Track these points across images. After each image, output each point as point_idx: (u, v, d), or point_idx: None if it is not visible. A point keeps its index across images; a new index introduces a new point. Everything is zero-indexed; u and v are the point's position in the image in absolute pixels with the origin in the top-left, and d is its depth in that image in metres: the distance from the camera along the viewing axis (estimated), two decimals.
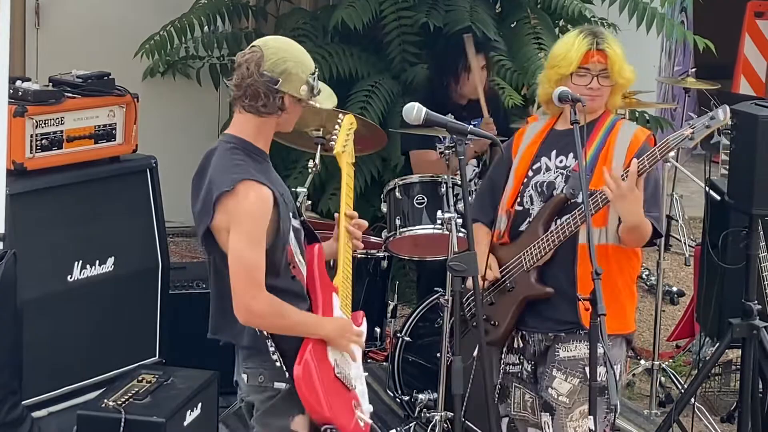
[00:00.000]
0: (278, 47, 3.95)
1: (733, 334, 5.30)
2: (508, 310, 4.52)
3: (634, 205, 4.25)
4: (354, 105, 6.99)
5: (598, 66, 4.44)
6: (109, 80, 5.67)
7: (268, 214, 3.86)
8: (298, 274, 4.02)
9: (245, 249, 3.82)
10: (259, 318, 3.88)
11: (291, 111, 3.97)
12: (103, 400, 5.14)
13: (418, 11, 7.17)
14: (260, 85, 3.88)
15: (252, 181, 3.84)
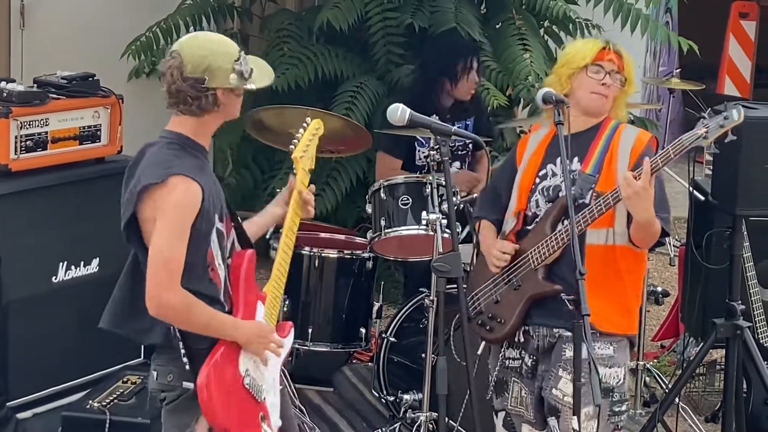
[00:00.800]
0: (196, 46, 3.92)
1: (717, 334, 5.32)
2: (515, 307, 4.53)
3: (647, 203, 4.27)
4: (339, 106, 6.99)
5: (611, 65, 4.51)
6: (93, 81, 5.67)
7: (193, 210, 3.80)
8: (215, 278, 3.94)
9: (166, 241, 3.77)
10: (171, 311, 3.80)
11: (228, 101, 3.93)
12: (87, 401, 5.16)
13: (403, 12, 7.17)
14: (188, 89, 3.85)
15: (183, 175, 3.80)
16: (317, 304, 5.82)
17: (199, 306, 3.83)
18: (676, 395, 5.53)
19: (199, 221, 3.83)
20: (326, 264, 5.81)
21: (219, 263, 3.95)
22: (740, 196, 5.19)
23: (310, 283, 5.82)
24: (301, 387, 6.00)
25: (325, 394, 6.30)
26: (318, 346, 5.81)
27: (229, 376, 3.90)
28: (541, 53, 7.27)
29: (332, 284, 5.84)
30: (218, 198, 3.97)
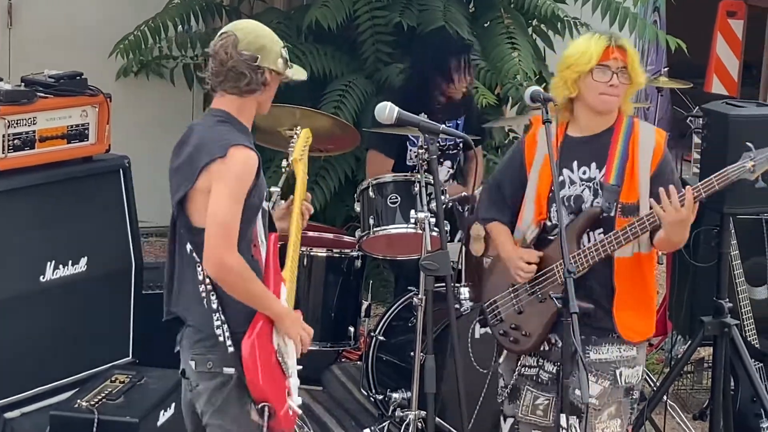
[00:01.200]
0: (249, 27, 4.09)
1: (705, 332, 5.34)
2: (540, 321, 4.44)
3: (685, 229, 4.26)
4: (328, 104, 6.99)
5: (617, 63, 4.34)
6: (81, 80, 5.65)
7: (251, 176, 3.92)
8: (257, 255, 4.06)
9: (225, 205, 3.87)
10: (230, 273, 3.89)
11: (273, 84, 4.09)
12: (76, 401, 5.14)
13: (391, 11, 7.18)
14: (241, 65, 3.99)
15: (242, 145, 3.92)
16: (306, 303, 5.81)
17: (250, 273, 3.94)
18: (664, 393, 5.54)
19: (253, 193, 3.95)
20: (315, 263, 5.81)
21: (262, 240, 4.09)
22: (727, 194, 5.18)
23: (298, 282, 5.78)
24: None
25: (314, 392, 6.30)
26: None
27: (267, 350, 4.01)
28: (530, 52, 7.27)
29: (321, 283, 5.84)
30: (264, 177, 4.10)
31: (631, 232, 4.27)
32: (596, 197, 4.38)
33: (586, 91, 4.38)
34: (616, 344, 4.39)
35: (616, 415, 4.39)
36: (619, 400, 4.41)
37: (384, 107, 4.25)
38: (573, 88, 4.39)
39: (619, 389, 4.41)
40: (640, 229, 4.27)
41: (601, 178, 4.38)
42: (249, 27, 4.09)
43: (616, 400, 4.41)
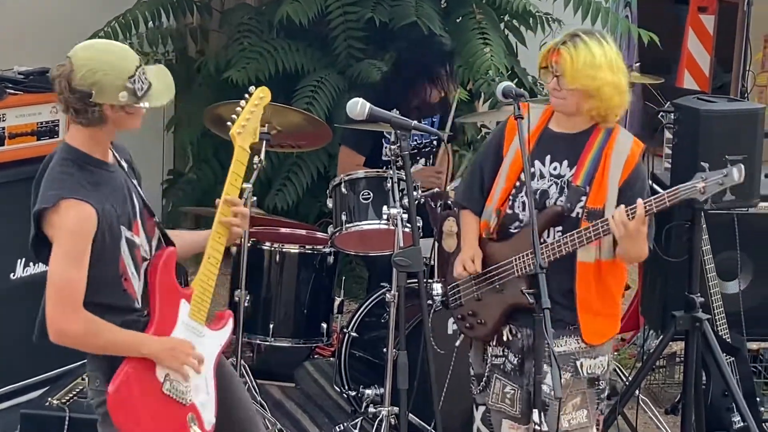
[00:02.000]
0: (88, 57, 3.79)
1: (677, 327, 5.35)
2: (496, 310, 4.50)
3: (637, 243, 4.28)
4: (300, 100, 6.98)
5: (556, 67, 4.35)
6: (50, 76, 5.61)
7: (89, 232, 3.73)
8: (129, 288, 3.88)
9: (61, 268, 3.71)
10: (72, 339, 3.77)
11: (119, 117, 3.81)
12: (47, 399, 5.12)
13: (363, 6, 7.16)
14: (75, 101, 3.75)
15: (73, 199, 3.71)
16: (278, 300, 5.81)
17: (103, 328, 3.77)
18: (637, 387, 5.55)
19: (100, 239, 3.76)
20: (287, 259, 5.80)
21: (132, 272, 3.89)
22: None
23: (271, 279, 5.81)
24: (263, 382, 5.99)
25: (287, 389, 6.30)
26: (279, 341, 5.80)
27: (144, 385, 3.84)
28: (502, 47, 7.27)
29: (293, 279, 5.83)
30: (125, 205, 3.89)
31: (586, 236, 4.30)
32: (561, 195, 4.40)
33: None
34: (574, 336, 4.40)
35: (581, 405, 4.39)
36: (582, 390, 4.43)
37: (355, 103, 4.25)
38: None
39: (581, 380, 4.43)
40: (594, 235, 4.29)
41: (570, 177, 4.40)
42: (90, 57, 3.78)
43: (579, 391, 4.42)
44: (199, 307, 4.01)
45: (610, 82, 4.32)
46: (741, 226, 5.98)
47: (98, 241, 3.75)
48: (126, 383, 3.80)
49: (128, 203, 3.91)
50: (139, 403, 3.82)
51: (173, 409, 3.91)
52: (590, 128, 4.43)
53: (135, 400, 3.81)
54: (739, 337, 5.95)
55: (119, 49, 3.88)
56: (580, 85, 4.31)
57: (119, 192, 3.89)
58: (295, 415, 6.10)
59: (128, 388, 3.81)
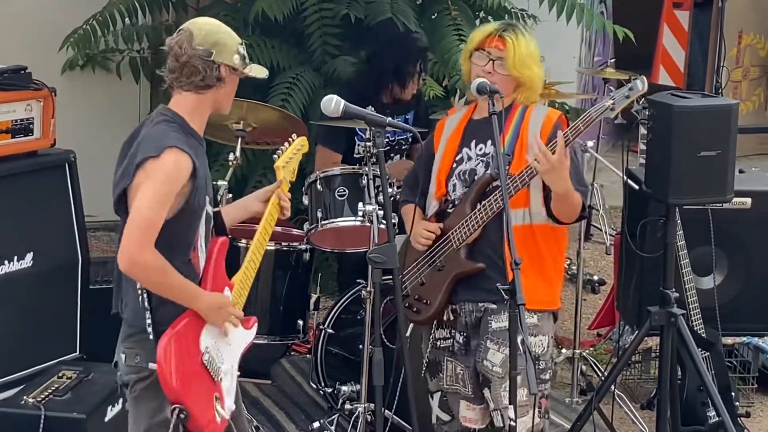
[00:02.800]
0: (204, 23, 4.09)
1: (652, 322, 5.36)
2: (440, 288, 4.65)
3: (564, 173, 4.42)
4: (275, 97, 6.97)
5: (496, 52, 4.61)
6: (25, 74, 5.60)
7: (181, 180, 3.91)
8: (195, 260, 4.05)
9: (147, 204, 3.87)
10: (140, 268, 3.89)
11: (228, 83, 4.09)
12: (22, 397, 5.11)
13: (338, 3, 7.16)
14: (196, 59, 4.00)
15: (177, 148, 3.90)
16: (254, 297, 5.77)
17: (169, 268, 3.92)
18: (612, 383, 5.56)
19: (192, 196, 3.95)
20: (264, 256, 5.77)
21: (201, 245, 4.07)
22: (673, 184, 5.22)
23: None
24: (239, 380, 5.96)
25: (264, 386, 6.30)
26: (255, 338, 5.75)
27: (188, 350, 3.98)
28: None
29: (269, 276, 5.82)
30: (210, 182, 4.11)
31: (512, 185, 4.45)
32: (488, 169, 4.60)
33: (471, 71, 4.67)
34: None
35: (522, 384, 4.39)
36: (523, 367, 4.43)
37: (330, 100, 4.25)
38: (465, 65, 4.72)
39: (522, 356, 4.42)
40: (521, 182, 4.47)
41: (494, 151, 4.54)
42: (206, 23, 4.09)
43: (520, 368, 4.42)
44: (238, 300, 4.23)
45: (538, 74, 4.69)
46: (716, 222, 6.00)
47: (190, 199, 3.94)
48: (174, 342, 3.93)
49: (210, 182, 4.13)
50: (182, 364, 3.95)
51: (205, 380, 4.04)
52: (507, 108, 4.65)
53: (179, 361, 3.93)
54: (714, 332, 5.97)
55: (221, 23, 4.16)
56: (517, 72, 4.62)
57: (206, 168, 4.10)
58: (272, 412, 6.10)
59: (175, 347, 3.93)
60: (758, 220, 6.22)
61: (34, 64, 5.75)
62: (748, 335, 6.50)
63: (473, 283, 4.61)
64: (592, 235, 8.82)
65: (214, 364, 4.07)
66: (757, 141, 11.57)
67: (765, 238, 6.26)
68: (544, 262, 4.64)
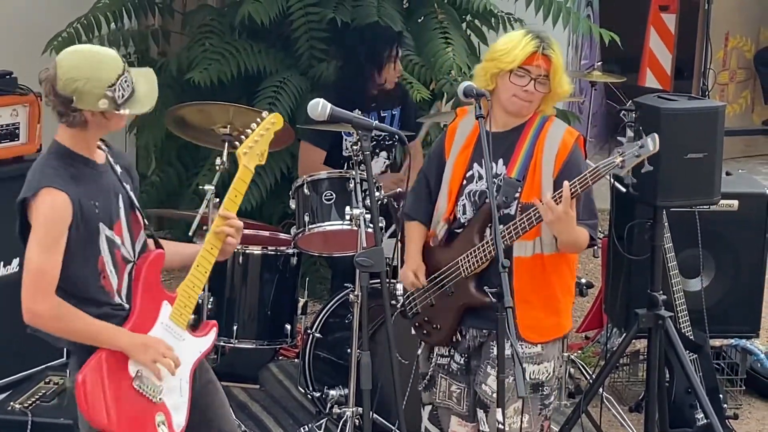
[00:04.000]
0: (71, 65, 3.87)
1: (640, 325, 5.37)
2: (449, 314, 4.55)
3: (568, 226, 4.28)
4: (262, 101, 6.96)
5: (538, 70, 4.39)
6: (11, 79, 5.60)
7: (63, 220, 3.82)
8: (107, 285, 3.95)
9: (35, 253, 3.82)
10: (42, 320, 3.86)
11: (99, 121, 3.90)
12: (9, 403, 5.10)
13: (325, 7, 7.16)
14: (58, 105, 3.88)
15: (50, 187, 3.83)
16: (242, 301, 5.80)
17: (75, 315, 3.85)
18: (600, 385, 5.57)
19: (74, 231, 3.85)
20: (251, 261, 5.79)
21: (110, 270, 3.97)
22: (660, 187, 5.23)
23: (234, 280, 5.79)
24: (227, 384, 5.94)
25: (252, 391, 6.29)
26: (243, 343, 5.79)
27: (113, 377, 3.90)
28: (464, 47, 7.28)
29: (257, 281, 5.82)
30: (110, 201, 3.98)
31: (520, 227, 4.32)
32: (499, 192, 4.42)
33: (503, 88, 4.44)
34: (519, 340, 4.35)
35: (522, 410, 4.41)
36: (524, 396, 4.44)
37: (316, 104, 4.24)
38: (491, 81, 4.45)
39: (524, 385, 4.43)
40: (528, 224, 4.32)
41: (505, 174, 4.44)
42: (72, 65, 3.86)
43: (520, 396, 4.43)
44: (182, 311, 4.08)
45: (570, 86, 4.48)
46: (703, 224, 6.01)
47: (73, 232, 3.85)
48: (95, 371, 3.86)
49: (113, 203, 4.00)
50: (106, 393, 3.87)
51: (141, 405, 3.95)
52: (522, 124, 4.48)
53: (102, 390, 3.86)
54: (701, 334, 5.98)
55: (103, 57, 3.92)
56: (560, 89, 4.44)
57: (103, 191, 3.98)
58: (260, 416, 6.09)
59: (97, 376, 3.86)
60: (745, 222, 6.23)
61: (20, 69, 5.74)
62: (735, 337, 6.51)
63: (480, 311, 4.48)
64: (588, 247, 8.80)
65: (148, 386, 3.97)
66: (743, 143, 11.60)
67: (752, 239, 6.27)
68: (553, 292, 4.49)
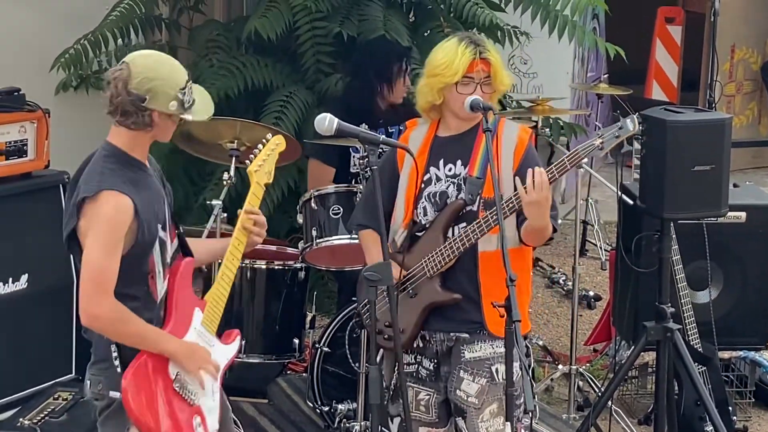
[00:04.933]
0: (146, 65, 3.99)
1: (648, 337, 5.36)
2: (413, 316, 4.54)
3: (542, 210, 4.32)
4: (268, 116, 6.96)
5: (481, 74, 4.46)
6: (19, 96, 5.62)
7: (125, 223, 3.89)
8: (153, 286, 4.04)
9: (96, 255, 3.86)
10: (99, 322, 3.91)
11: (163, 125, 4.03)
12: (18, 419, 5.11)
13: (331, 21, 7.16)
14: (128, 104, 3.93)
15: (113, 190, 3.89)
16: (250, 316, 5.80)
17: (130, 318, 3.92)
18: (609, 398, 5.56)
19: (140, 233, 3.93)
20: (258, 275, 5.79)
21: (159, 271, 4.05)
22: (667, 199, 5.23)
23: (242, 295, 5.79)
24: (236, 399, 5.96)
25: (260, 405, 6.28)
26: (252, 357, 5.78)
27: (156, 379, 3.97)
28: None
29: (264, 295, 5.81)
30: (161, 207, 4.07)
31: (492, 219, 4.35)
32: (460, 192, 4.49)
33: (452, 99, 4.51)
34: (488, 341, 4.46)
35: (498, 412, 4.42)
36: (499, 397, 4.46)
37: (323, 119, 4.24)
38: (438, 95, 4.51)
39: (497, 386, 4.47)
40: (506, 212, 4.35)
41: (465, 174, 4.49)
42: (147, 65, 3.99)
43: (495, 398, 4.46)
44: (212, 317, 4.20)
45: (510, 80, 4.58)
46: (710, 236, 6.01)
47: (133, 235, 3.92)
48: (138, 374, 3.92)
49: (162, 207, 4.09)
50: (150, 395, 3.94)
51: (180, 406, 4.03)
52: (475, 126, 4.54)
53: (146, 392, 3.93)
54: (710, 346, 5.98)
55: (174, 62, 4.08)
56: (502, 86, 4.53)
57: (155, 194, 4.08)
58: (268, 431, 6.08)
59: (139, 379, 3.93)
60: (753, 234, 6.23)
61: (27, 86, 5.76)
62: (744, 349, 6.50)
63: (446, 313, 4.50)
64: (588, 250, 8.82)
65: (187, 389, 4.06)
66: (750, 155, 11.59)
67: (760, 251, 6.27)
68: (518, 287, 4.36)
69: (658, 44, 11.39)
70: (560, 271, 8.35)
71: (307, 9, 7.07)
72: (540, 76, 9.17)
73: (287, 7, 7.07)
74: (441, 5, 7.56)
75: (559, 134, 7.82)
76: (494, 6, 7.64)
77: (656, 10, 11.49)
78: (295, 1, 7.03)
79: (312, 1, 7.01)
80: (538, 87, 8.98)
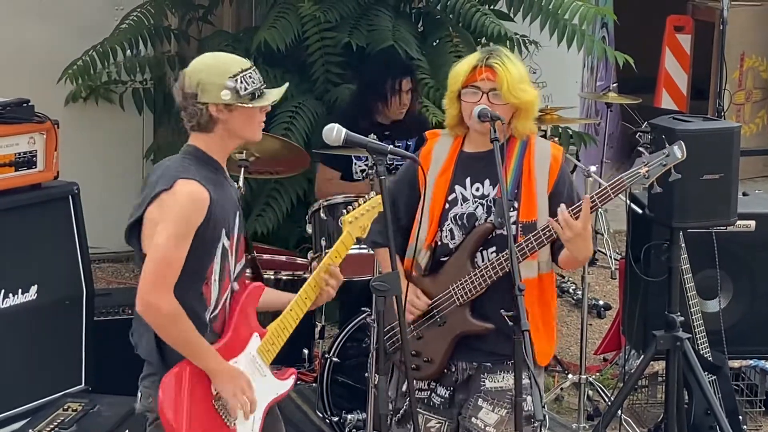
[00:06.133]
0: (195, 63, 3.98)
1: (657, 346, 5.36)
2: (442, 345, 4.37)
3: (586, 242, 4.17)
4: (278, 126, 6.98)
5: (488, 84, 4.28)
6: (28, 107, 5.62)
7: (200, 212, 3.82)
8: (206, 293, 3.92)
9: (164, 242, 3.79)
10: (156, 314, 3.80)
11: (227, 118, 3.92)
12: (28, 430, 5.10)
13: (340, 31, 7.18)
14: (187, 105, 3.92)
15: (191, 179, 3.83)
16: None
17: (184, 321, 3.83)
18: (619, 408, 5.55)
19: (203, 228, 3.84)
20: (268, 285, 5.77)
21: (215, 279, 3.94)
22: (676, 208, 5.23)
23: None
24: None
25: None
26: None
27: (196, 392, 3.90)
28: None
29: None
30: (231, 214, 3.98)
31: (528, 248, 4.22)
32: (489, 215, 4.32)
33: (462, 110, 4.35)
34: (512, 372, 4.20)
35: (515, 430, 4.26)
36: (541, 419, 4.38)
37: (331, 129, 4.25)
38: (453, 106, 4.38)
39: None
40: (537, 245, 4.22)
41: (495, 194, 4.32)
42: (197, 62, 3.98)
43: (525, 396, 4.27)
44: (269, 347, 4.11)
45: (535, 96, 4.36)
46: (720, 245, 6.00)
47: (201, 231, 3.83)
48: (180, 380, 3.86)
49: (232, 216, 4.00)
50: (188, 402, 3.87)
51: (217, 424, 3.95)
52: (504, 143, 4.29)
53: (184, 398, 3.86)
54: (720, 355, 5.97)
55: (225, 56, 4.04)
56: (515, 99, 4.28)
57: (230, 199, 4.00)
58: None
59: (182, 383, 3.86)
60: (762, 243, 6.22)
61: (36, 97, 5.77)
62: (754, 358, 6.48)
63: (472, 344, 4.35)
64: (597, 259, 8.81)
65: (226, 409, 3.96)
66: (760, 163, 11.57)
67: None
68: (551, 311, 4.37)
69: (667, 53, 11.37)
70: (570, 280, 8.34)
71: (316, 19, 7.08)
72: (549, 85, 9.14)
73: (296, 17, 7.08)
74: (450, 15, 7.56)
75: (568, 143, 7.81)
76: (503, 16, 7.65)
77: (665, 18, 11.46)
78: (303, 12, 7.04)
79: (321, 12, 7.03)
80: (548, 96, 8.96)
